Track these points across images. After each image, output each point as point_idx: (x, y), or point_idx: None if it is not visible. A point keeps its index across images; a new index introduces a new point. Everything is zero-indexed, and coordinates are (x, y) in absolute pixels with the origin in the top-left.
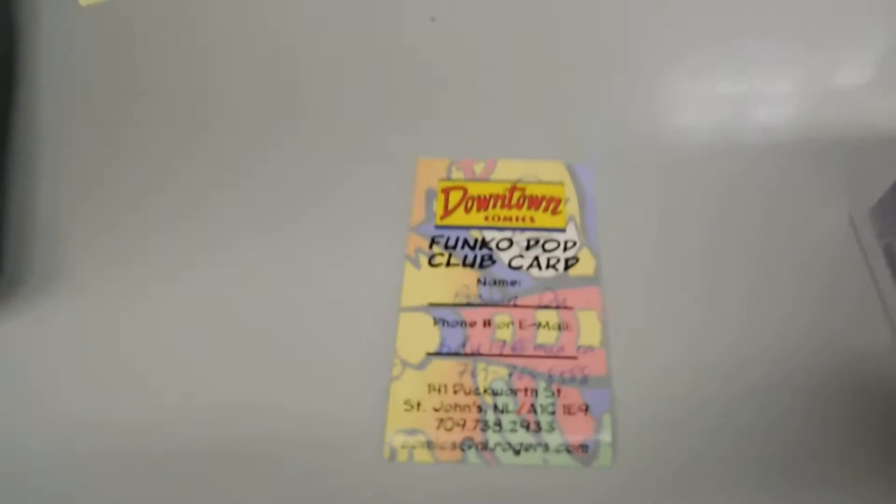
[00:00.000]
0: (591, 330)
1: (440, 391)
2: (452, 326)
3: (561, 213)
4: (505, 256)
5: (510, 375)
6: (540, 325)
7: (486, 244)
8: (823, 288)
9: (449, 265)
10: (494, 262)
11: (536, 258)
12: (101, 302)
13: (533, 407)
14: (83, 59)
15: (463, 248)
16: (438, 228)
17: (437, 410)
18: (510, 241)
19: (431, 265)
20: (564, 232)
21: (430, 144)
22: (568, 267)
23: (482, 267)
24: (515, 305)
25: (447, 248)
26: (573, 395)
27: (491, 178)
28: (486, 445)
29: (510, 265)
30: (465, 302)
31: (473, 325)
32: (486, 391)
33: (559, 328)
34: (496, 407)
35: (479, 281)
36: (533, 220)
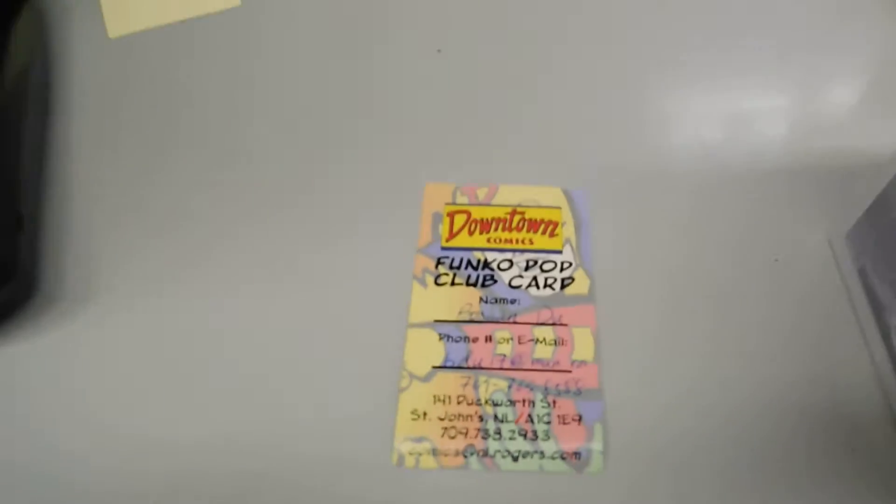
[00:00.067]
0: (584, 345)
1: (445, 402)
2: (456, 341)
3: (558, 235)
4: (505, 276)
5: (509, 387)
6: (537, 340)
7: (487, 265)
8: (805, 309)
9: (453, 284)
10: (496, 281)
11: (535, 278)
12: (131, 319)
13: (530, 417)
14: (114, 87)
15: (466, 268)
16: (444, 250)
17: (441, 420)
18: (510, 261)
19: (437, 284)
20: (561, 253)
21: (436, 171)
22: (564, 286)
23: (484, 286)
24: (515, 322)
25: (452, 268)
26: (568, 406)
27: (493, 202)
28: (486, 452)
29: (510, 284)
30: (468, 319)
31: (476, 340)
32: (486, 402)
33: (555, 343)
34: (496, 417)
35: (481, 299)
36: (532, 242)
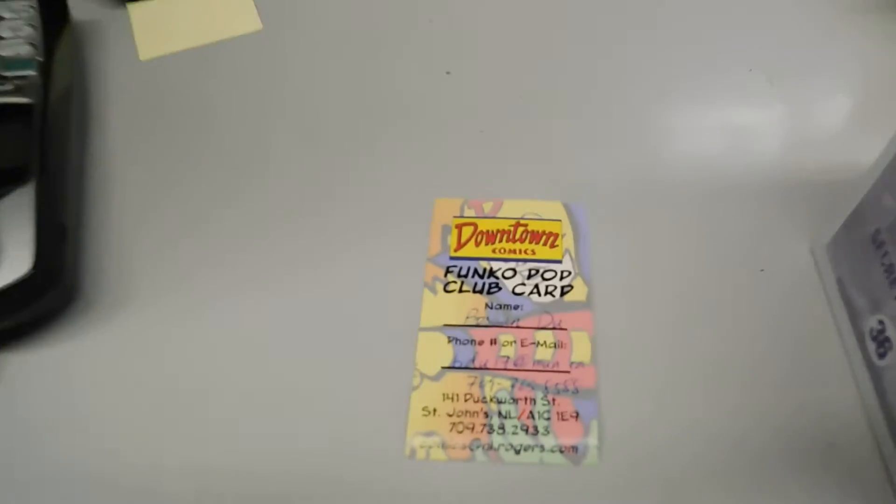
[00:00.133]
0: (582, 348)
1: (453, 399)
2: (464, 344)
3: (558, 246)
4: (509, 284)
5: (512, 386)
6: (538, 343)
7: (493, 273)
8: (788, 316)
9: (461, 291)
10: (500, 289)
11: (536, 286)
12: (162, 322)
13: (531, 414)
14: (145, 105)
15: (473, 276)
16: (452, 259)
17: (450, 416)
18: (514, 270)
19: (446, 291)
20: (561, 263)
21: (445, 186)
22: (563, 293)
23: (489, 293)
24: (518, 327)
25: (460, 276)
26: (566, 403)
27: (498, 215)
28: (491, 446)
29: (513, 292)
30: (474, 323)
31: (481, 343)
32: (491, 400)
33: (555, 346)
34: (500, 413)
35: (486, 305)
36: (534, 252)
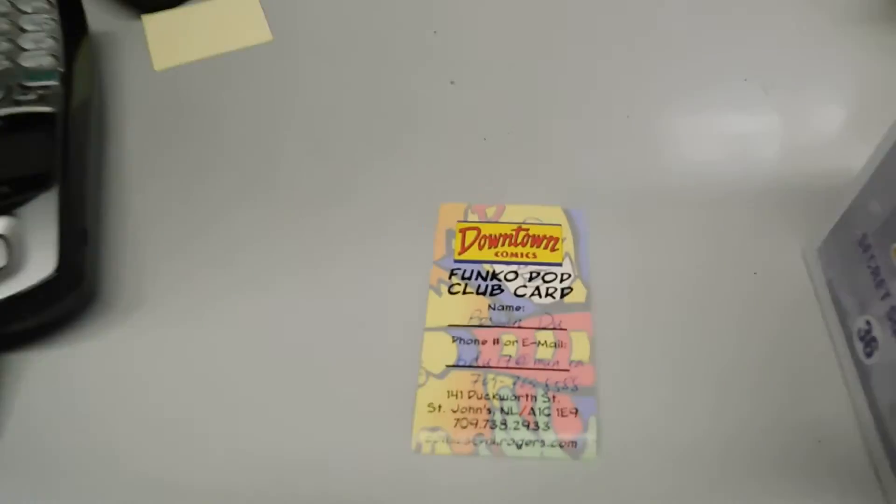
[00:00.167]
0: (581, 348)
1: (457, 396)
2: (467, 343)
3: (558, 250)
4: (511, 286)
5: (514, 384)
6: (539, 343)
7: (495, 276)
8: (780, 317)
9: (465, 293)
10: (502, 290)
11: (537, 288)
12: (177, 322)
13: (532, 410)
14: (160, 114)
15: (476, 279)
16: (456, 262)
17: (454, 412)
18: (516, 273)
19: (450, 293)
20: (561, 266)
21: (450, 192)
22: (563, 295)
23: (492, 295)
24: (519, 327)
25: (463, 279)
26: (566, 400)
27: (500, 220)
28: (494, 441)
29: (515, 293)
30: (477, 324)
31: (485, 342)
32: (494, 397)
33: (555, 346)
34: (502, 410)
35: (489, 306)
36: (535, 255)
